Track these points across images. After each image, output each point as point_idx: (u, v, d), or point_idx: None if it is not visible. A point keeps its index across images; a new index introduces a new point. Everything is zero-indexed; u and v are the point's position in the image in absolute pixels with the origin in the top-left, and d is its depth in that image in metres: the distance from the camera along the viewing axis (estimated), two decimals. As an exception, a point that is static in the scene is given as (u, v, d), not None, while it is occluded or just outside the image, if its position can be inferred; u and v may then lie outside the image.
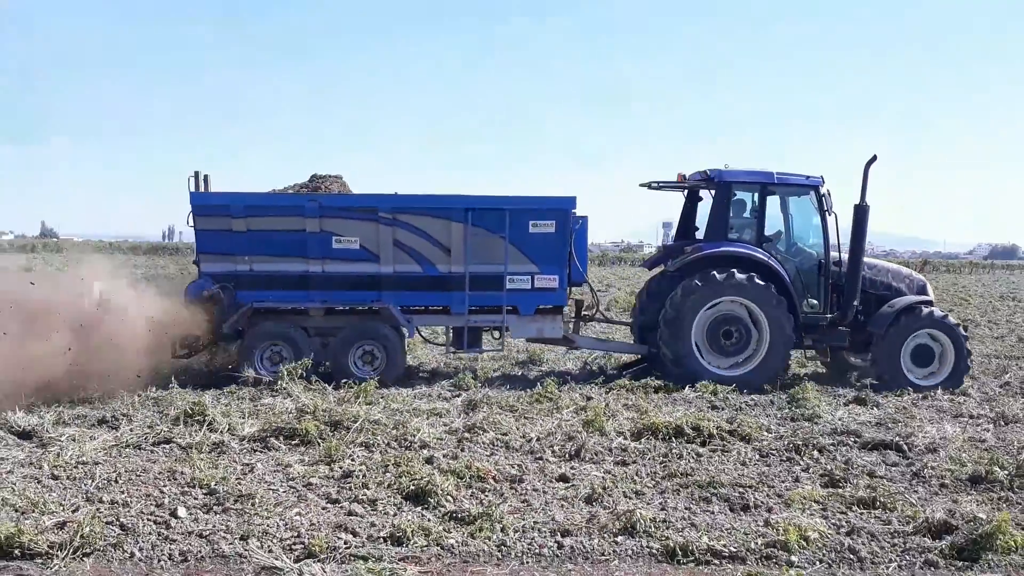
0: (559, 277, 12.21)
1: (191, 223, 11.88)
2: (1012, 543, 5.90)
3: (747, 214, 12.85)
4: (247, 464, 7.56)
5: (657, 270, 13.74)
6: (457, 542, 5.83)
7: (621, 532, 6.09)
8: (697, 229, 13.54)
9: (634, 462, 7.97)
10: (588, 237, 12.81)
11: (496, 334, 12.85)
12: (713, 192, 12.86)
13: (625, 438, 8.69)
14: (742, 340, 12.37)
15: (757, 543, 5.90)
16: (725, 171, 12.71)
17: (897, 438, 8.73)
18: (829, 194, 12.59)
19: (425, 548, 5.75)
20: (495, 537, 5.91)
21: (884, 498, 6.88)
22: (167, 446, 8.08)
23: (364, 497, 6.67)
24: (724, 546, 5.84)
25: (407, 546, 5.76)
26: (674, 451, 8.32)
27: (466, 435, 8.53)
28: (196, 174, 12.04)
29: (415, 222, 11.86)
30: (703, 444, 8.62)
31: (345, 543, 5.75)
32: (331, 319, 12.10)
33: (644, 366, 13.10)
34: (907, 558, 5.82)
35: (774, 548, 5.83)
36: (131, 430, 8.52)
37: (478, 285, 12.05)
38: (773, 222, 12.81)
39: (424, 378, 12.39)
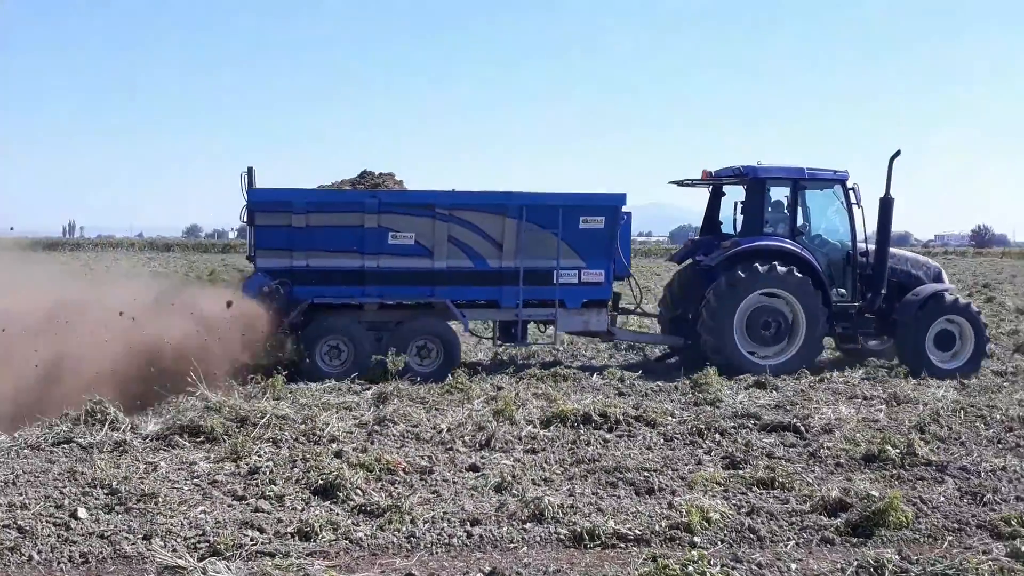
0: (605, 271, 12.55)
1: (244, 219, 12.05)
2: (903, 519, 6.15)
3: (780, 209, 13.30)
4: (150, 463, 7.39)
5: (681, 264, 14.32)
6: (366, 535, 5.82)
7: (530, 519, 6.16)
8: (721, 224, 14.10)
9: (543, 450, 8.06)
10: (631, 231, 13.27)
11: (541, 327, 13.25)
12: (746, 188, 13.33)
13: (535, 426, 8.78)
14: (781, 330, 12.79)
15: (661, 525, 6.04)
16: (759, 167, 13.17)
17: (795, 420, 9.03)
18: (857, 188, 13.12)
19: (334, 543, 5.73)
20: (404, 529, 5.91)
21: (782, 478, 7.12)
22: (67, 446, 7.84)
23: (271, 493, 6.59)
24: (630, 529, 5.96)
25: (315, 541, 5.73)
26: (582, 438, 8.45)
27: (376, 428, 8.50)
28: (249, 170, 12.09)
29: (470, 218, 12.06)
30: (610, 430, 8.77)
31: (251, 540, 5.68)
32: (386, 314, 12.22)
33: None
34: (804, 536, 6.02)
35: (678, 530, 5.98)
36: (29, 430, 8.23)
37: (528, 280, 12.31)
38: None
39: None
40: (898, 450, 7.85)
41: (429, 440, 8.28)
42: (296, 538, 5.78)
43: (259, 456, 7.51)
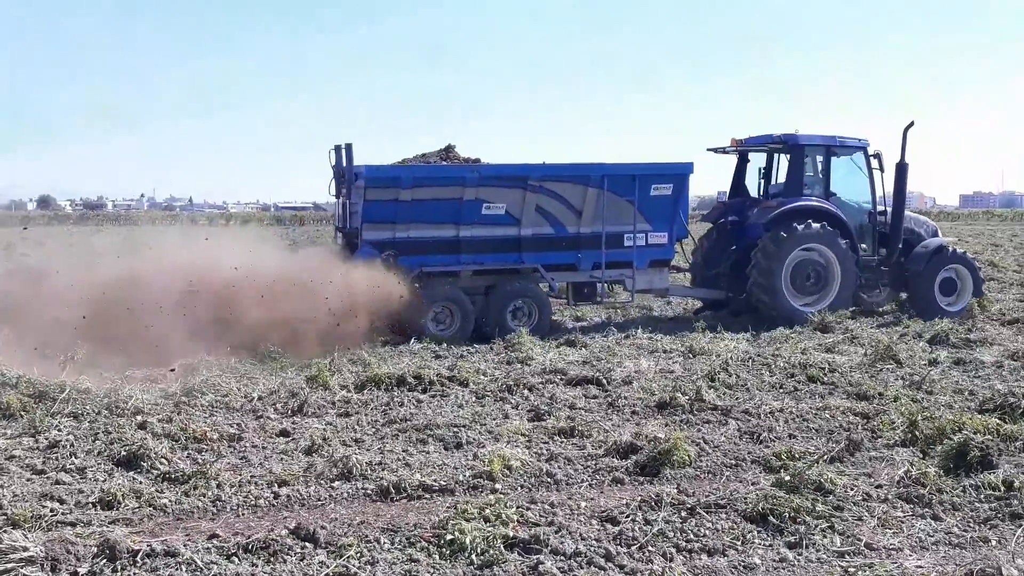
0: (668, 234, 13.88)
1: (333, 191, 13.36)
2: (686, 458, 6.68)
3: (815, 172, 14.94)
4: (-59, 443, 7.06)
5: (715, 223, 15.68)
6: (171, 501, 5.82)
7: (338, 478, 6.30)
8: (744, 188, 15.61)
9: (356, 413, 8.19)
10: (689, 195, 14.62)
11: (608, 287, 14.47)
12: (788, 155, 14.79)
13: (348, 391, 8.90)
14: (820, 280, 14.33)
15: (465, 475, 6.32)
16: (799, 135, 14.66)
17: (598, 374, 9.53)
18: (880, 155, 14.74)
19: (137, 510, 5.70)
20: (210, 494, 5.94)
21: (581, 427, 7.55)
22: None
23: (72, 466, 6.45)
24: (435, 481, 6.21)
25: (118, 510, 5.68)
26: (396, 400, 8.64)
27: (183, 399, 8.39)
28: (338, 147, 13.05)
29: (556, 188, 13.16)
30: (424, 391, 8.99)
31: (51, 511, 5.58)
32: (479, 279, 13.08)
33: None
34: (597, 477, 6.44)
35: (481, 478, 6.27)
36: None
37: (606, 244, 13.42)
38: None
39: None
40: (688, 397, 8.44)
41: (239, 409, 8.25)
42: (98, 507, 5.71)
43: (59, 430, 7.29)
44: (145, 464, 6.44)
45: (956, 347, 11.49)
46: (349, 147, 12.87)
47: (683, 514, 5.49)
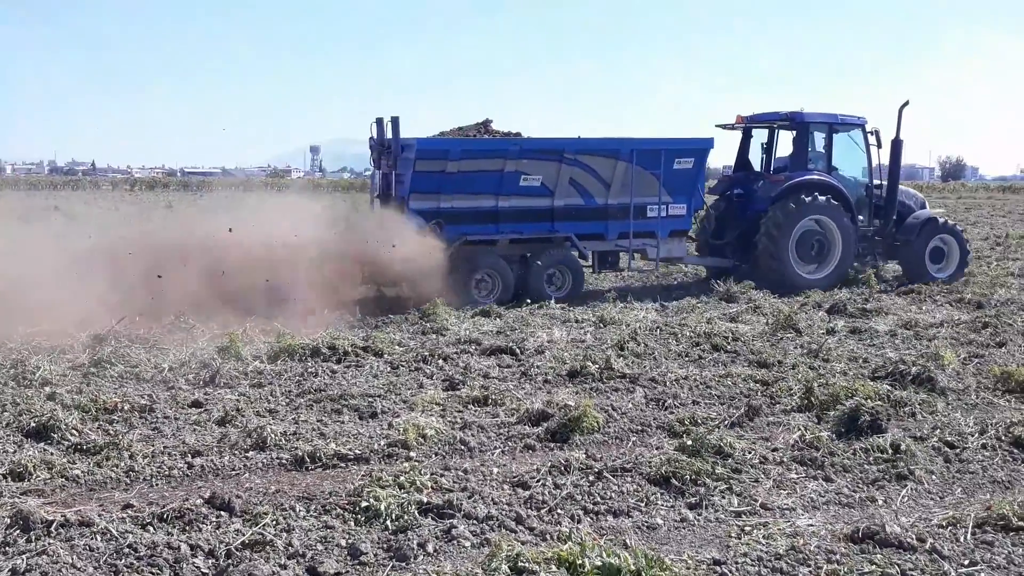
0: (687, 205, 14.64)
1: (379, 163, 13.91)
2: (595, 424, 6.90)
3: (817, 148, 15.65)
4: None
5: (721, 196, 16.37)
6: (83, 472, 5.81)
7: (252, 448, 6.35)
8: (749, 163, 16.29)
9: (269, 383, 8.20)
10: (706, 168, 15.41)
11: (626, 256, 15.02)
12: (794, 131, 15.59)
13: (262, 362, 8.89)
14: (823, 249, 15.11)
15: (380, 444, 6.43)
16: (805, 113, 15.48)
17: (512, 343, 9.70)
18: (878, 131, 15.57)
19: (49, 481, 5.67)
20: (123, 464, 5.94)
21: (495, 396, 7.72)
22: None
23: (-21, 439, 6.36)
24: (350, 450, 6.30)
25: (29, 481, 5.65)
26: (310, 370, 8.66)
27: (92, 370, 8.29)
28: (379, 120, 13.61)
29: (589, 161, 13.82)
30: (338, 362, 9.03)
31: (-42, 485, 5.52)
32: (516, 248, 13.67)
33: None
34: (510, 444, 6.62)
35: (395, 447, 6.39)
36: None
37: (632, 214, 14.07)
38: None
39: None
40: (598, 365, 8.68)
41: (150, 379, 8.20)
42: (9, 479, 5.66)
43: (-37, 404, 7.15)
44: (56, 435, 6.38)
45: (853, 316, 12.01)
46: (396, 120, 13.30)
47: (591, 478, 5.71)
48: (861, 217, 15.80)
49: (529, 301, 12.77)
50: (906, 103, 15.62)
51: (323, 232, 12.47)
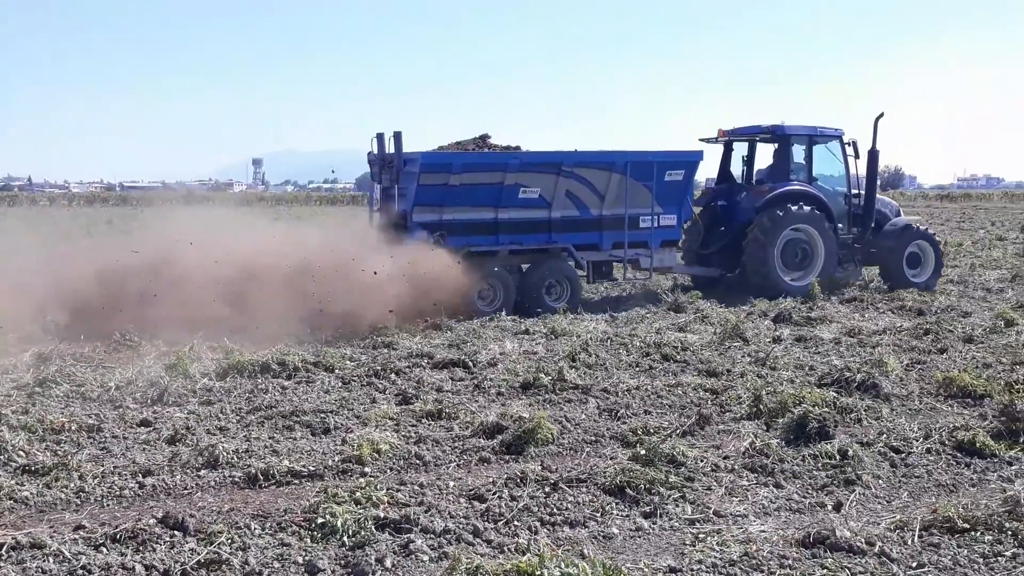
0: (677, 216, 15.09)
1: (381, 178, 14.21)
2: (549, 435, 6.94)
3: (799, 160, 16.22)
4: None
5: (706, 207, 16.80)
6: (32, 494, 5.69)
7: (204, 466, 6.28)
8: (731, 175, 16.84)
9: (219, 401, 8.11)
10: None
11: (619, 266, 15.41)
12: (776, 143, 16.14)
13: (210, 379, 8.79)
14: (806, 257, 15.72)
15: (334, 460, 6.40)
16: (786, 126, 16.00)
17: (464, 356, 9.72)
18: (855, 142, 16.11)
19: (-4, 504, 5.55)
20: (72, 485, 5.83)
21: (449, 409, 7.72)
22: None
23: (-79, 463, 6.20)
24: (304, 467, 6.26)
25: (-25, 504, 5.53)
26: (260, 387, 8.59)
27: (37, 389, 8.13)
28: (380, 135, 14.04)
29: (585, 174, 14.23)
30: (288, 378, 8.96)
31: (-99, 509, 5.37)
32: (515, 259, 14.08)
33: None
34: (465, 457, 6.63)
35: (350, 463, 6.36)
36: None
37: (624, 225, 14.52)
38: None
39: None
40: (550, 377, 8.73)
41: (96, 399, 8.06)
42: (-46, 503, 5.53)
43: (-96, 426, 6.96)
44: (3, 457, 6.25)
45: (798, 325, 12.22)
46: (398, 135, 13.69)
47: (547, 489, 5.75)
48: (841, 225, 16.33)
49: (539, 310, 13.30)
50: (881, 115, 16.15)
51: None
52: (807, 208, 15.58)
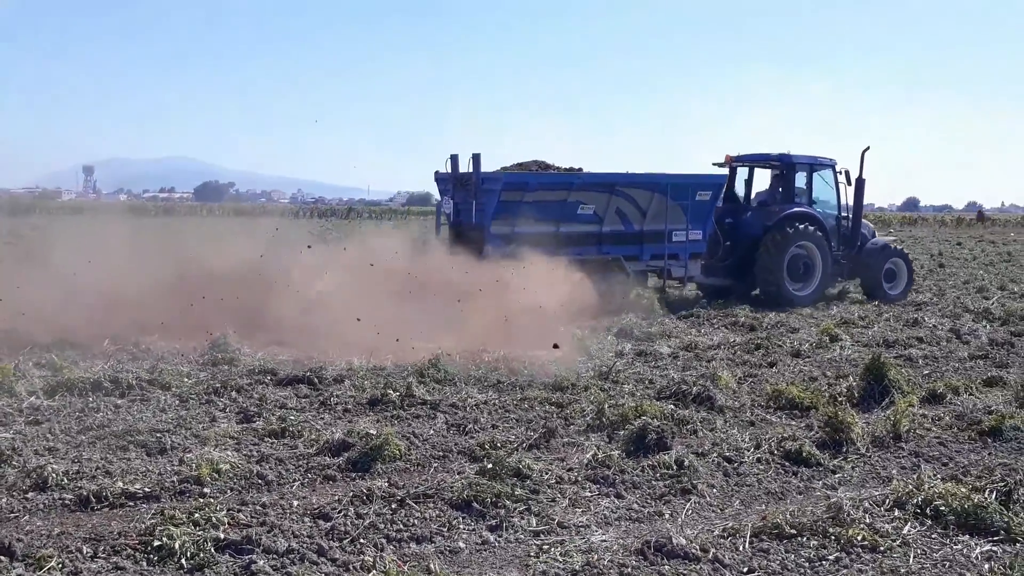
0: (703, 231, 17.03)
1: (447, 195, 16.20)
2: (397, 452, 6.91)
3: (801, 184, 18.52)
4: None
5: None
6: None
7: (32, 488, 5.95)
8: (735, 195, 18.80)
9: (48, 420, 7.70)
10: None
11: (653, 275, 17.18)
12: (783, 171, 18.41)
13: (38, 397, 8.34)
14: (808, 271, 17.71)
15: (172, 480, 6.18)
16: (792, 155, 18.31)
17: (309, 372, 9.55)
18: (848, 171, 18.38)
19: None
20: None
21: (293, 427, 7.57)
22: None
23: None
24: (139, 488, 6.02)
25: None
26: (91, 405, 8.19)
27: None
28: (454, 156, 15.89)
29: (632, 193, 16.20)
30: (122, 396, 8.58)
31: None
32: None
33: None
34: (310, 476, 6.52)
35: (188, 483, 6.15)
36: None
37: (662, 239, 16.54)
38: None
39: None
40: (398, 393, 8.70)
41: (-91, 420, 7.51)
42: None
43: None
44: None
45: (639, 340, 12.63)
46: (477, 156, 15.25)
47: (393, 506, 5.73)
48: (833, 243, 18.23)
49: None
50: (867, 148, 18.51)
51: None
52: (811, 228, 17.70)
